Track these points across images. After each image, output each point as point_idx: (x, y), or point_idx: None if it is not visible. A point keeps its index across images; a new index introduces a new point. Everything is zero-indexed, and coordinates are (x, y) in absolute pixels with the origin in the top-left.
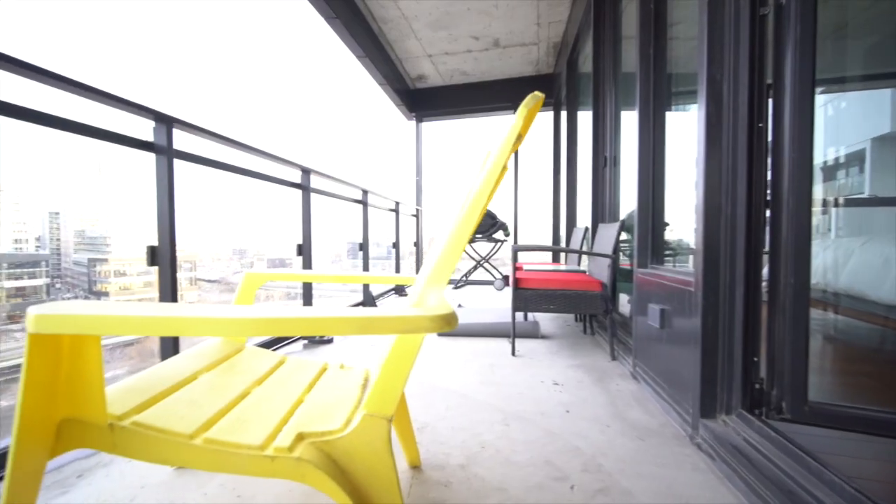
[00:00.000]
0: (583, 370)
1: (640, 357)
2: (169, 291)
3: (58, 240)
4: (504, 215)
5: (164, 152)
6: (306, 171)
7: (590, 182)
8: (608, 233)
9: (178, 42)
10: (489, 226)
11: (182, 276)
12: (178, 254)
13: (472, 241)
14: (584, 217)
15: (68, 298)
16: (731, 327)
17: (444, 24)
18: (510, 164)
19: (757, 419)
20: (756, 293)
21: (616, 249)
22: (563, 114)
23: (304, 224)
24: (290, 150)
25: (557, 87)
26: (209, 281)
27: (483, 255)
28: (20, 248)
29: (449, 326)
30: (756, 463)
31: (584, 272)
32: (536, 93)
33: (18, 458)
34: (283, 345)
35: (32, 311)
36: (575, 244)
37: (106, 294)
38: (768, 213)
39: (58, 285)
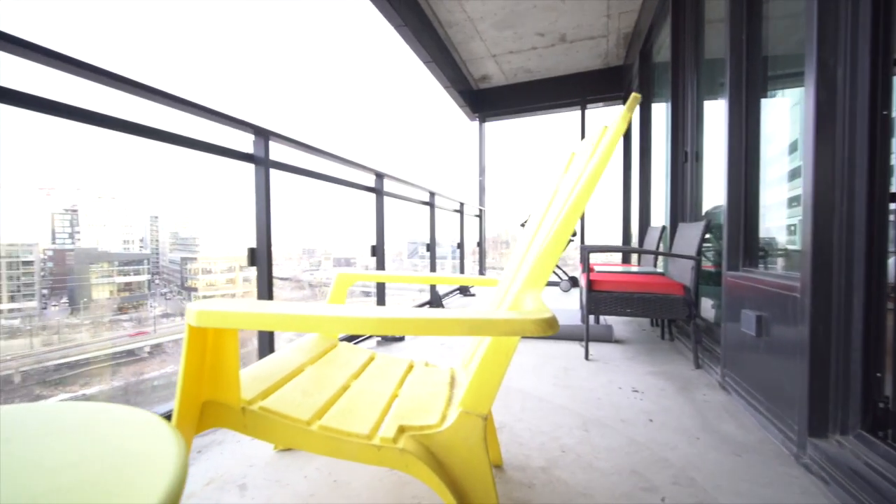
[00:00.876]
0: (663, 378)
1: (730, 366)
2: (266, 288)
3: (156, 241)
4: None
5: (263, 163)
6: (380, 176)
7: (664, 178)
8: (691, 233)
9: (252, 54)
10: None
11: (257, 273)
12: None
13: None
14: (657, 215)
15: (165, 293)
16: (846, 338)
17: (510, 23)
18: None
19: (882, 442)
20: (880, 300)
21: (700, 251)
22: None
23: (378, 226)
24: (362, 156)
25: (628, 79)
26: (281, 279)
27: None
28: (127, 248)
29: (552, 330)
30: (883, 491)
31: (662, 274)
32: (636, 94)
33: (178, 430)
34: (360, 340)
35: (194, 308)
36: (650, 244)
37: (195, 289)
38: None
39: (157, 281)
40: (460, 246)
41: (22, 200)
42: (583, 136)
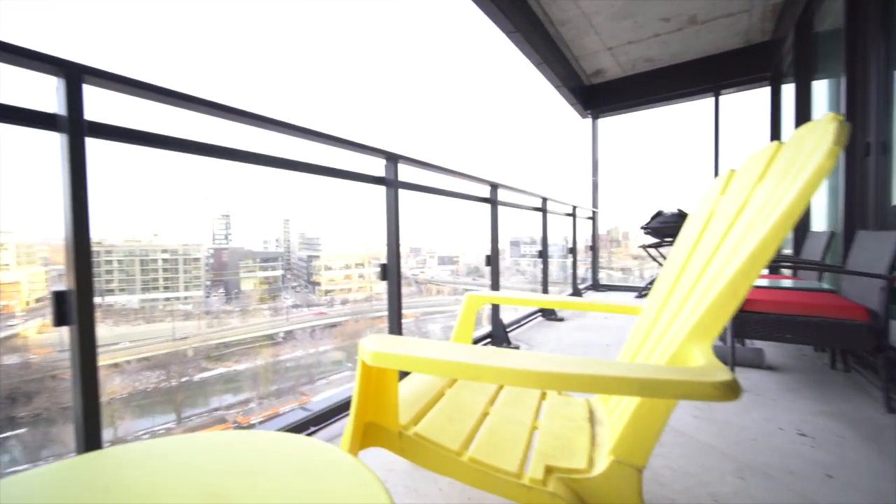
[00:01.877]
0: (841, 421)
1: None
2: (396, 303)
3: (287, 240)
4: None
5: (392, 185)
6: (494, 186)
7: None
8: (878, 245)
9: (359, 71)
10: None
11: (370, 270)
12: (366, 251)
13: (659, 245)
14: (818, 219)
15: (294, 286)
16: None
17: (630, 13)
18: (690, 153)
19: None
20: None
21: (893, 268)
22: (787, 88)
23: (493, 236)
24: (474, 164)
25: (778, 56)
26: None
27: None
28: (266, 247)
29: (734, 396)
30: None
31: (833, 292)
32: (840, 119)
33: (351, 445)
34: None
35: (368, 349)
36: (812, 254)
37: (318, 284)
38: None
39: (288, 276)
40: (572, 251)
41: (192, 207)
42: (716, 126)
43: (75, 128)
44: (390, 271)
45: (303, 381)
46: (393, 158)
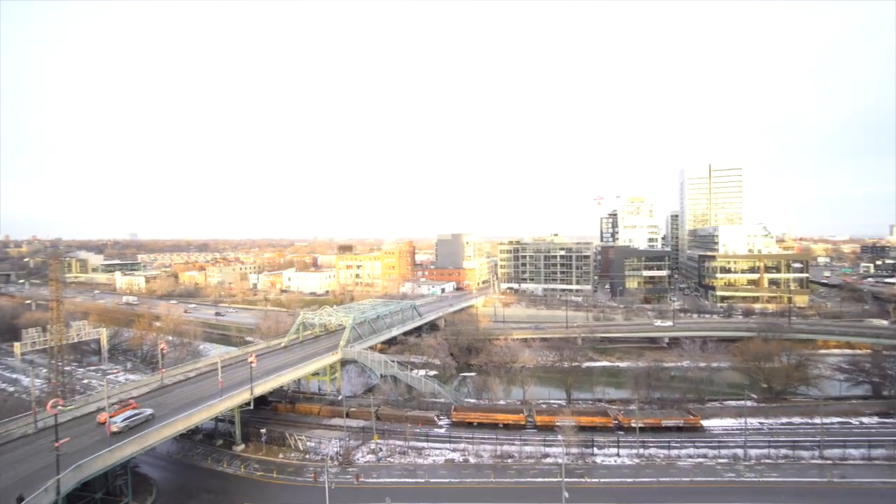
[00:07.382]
0: None
1: None
2: None
3: (676, 237)
4: None
5: None
6: None
7: None
8: None
9: None
10: None
11: (788, 276)
12: (780, 250)
13: None
14: None
15: (683, 288)
16: None
17: None
18: None
19: None
20: None
21: None
22: None
23: None
24: None
25: None
26: (825, 284)
27: None
28: (653, 245)
29: None
30: None
31: None
32: None
33: None
34: None
35: None
36: None
37: (712, 287)
38: None
39: (675, 276)
40: None
41: (586, 209)
42: None
43: None
44: None
45: (689, 395)
46: None
